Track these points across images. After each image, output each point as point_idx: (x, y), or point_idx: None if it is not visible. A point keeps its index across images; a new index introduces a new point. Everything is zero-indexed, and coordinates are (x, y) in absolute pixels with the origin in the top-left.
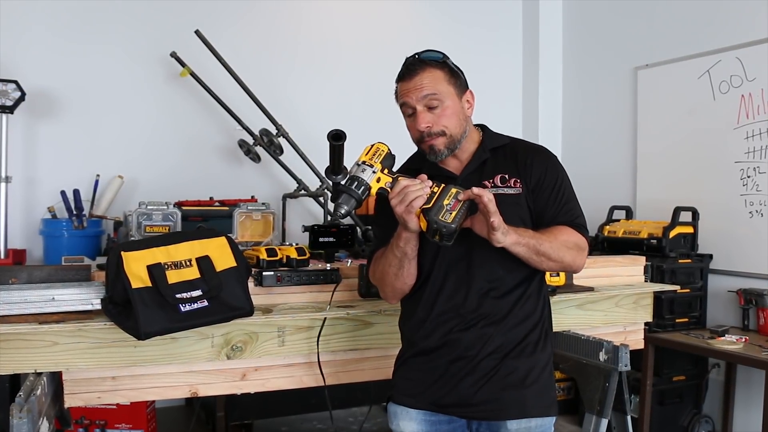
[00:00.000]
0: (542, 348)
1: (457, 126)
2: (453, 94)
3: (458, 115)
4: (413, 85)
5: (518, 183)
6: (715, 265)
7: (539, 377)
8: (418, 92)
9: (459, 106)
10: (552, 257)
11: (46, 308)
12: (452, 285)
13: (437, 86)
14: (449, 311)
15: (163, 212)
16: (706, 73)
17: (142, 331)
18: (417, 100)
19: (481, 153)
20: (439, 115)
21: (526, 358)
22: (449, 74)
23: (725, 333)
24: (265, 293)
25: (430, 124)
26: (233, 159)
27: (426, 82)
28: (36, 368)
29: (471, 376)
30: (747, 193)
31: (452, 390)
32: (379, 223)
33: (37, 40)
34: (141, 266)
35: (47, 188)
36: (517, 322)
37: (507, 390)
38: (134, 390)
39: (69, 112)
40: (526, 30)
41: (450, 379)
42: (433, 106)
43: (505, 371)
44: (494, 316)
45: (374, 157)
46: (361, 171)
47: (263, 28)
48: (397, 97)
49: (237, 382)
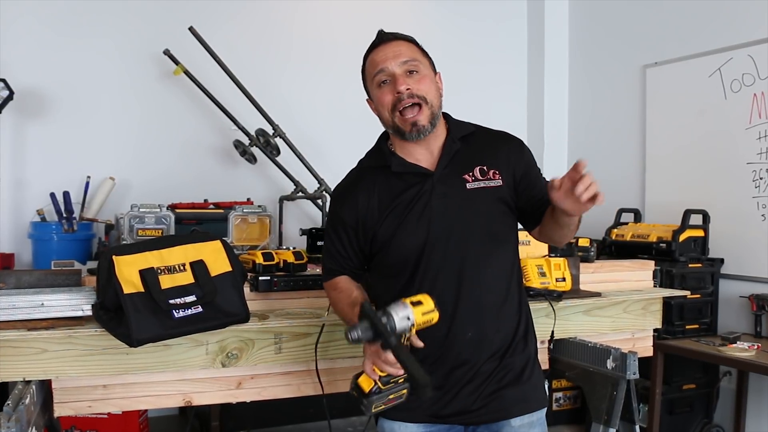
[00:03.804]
0: (531, 339)
1: (436, 98)
2: (429, 67)
3: (437, 87)
4: (391, 51)
5: (497, 175)
6: (726, 270)
7: (533, 370)
8: (396, 58)
9: (435, 80)
10: (572, 228)
11: (35, 314)
12: (442, 287)
13: (415, 54)
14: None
15: (156, 215)
16: (717, 71)
17: (135, 337)
18: (396, 65)
19: (451, 143)
20: (418, 81)
21: (520, 354)
22: (422, 52)
23: (737, 340)
24: (262, 299)
25: (410, 87)
26: (228, 160)
27: (403, 49)
28: (25, 376)
29: (472, 383)
30: (759, 195)
31: (453, 399)
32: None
33: (25, 37)
34: (133, 271)
35: (36, 190)
36: (507, 318)
37: (507, 389)
38: (126, 399)
39: (59, 112)
40: (531, 26)
41: (450, 388)
42: (412, 71)
43: (504, 371)
44: (488, 317)
45: (423, 324)
46: (399, 313)
47: (259, 25)
48: (368, 68)
49: (232, 391)
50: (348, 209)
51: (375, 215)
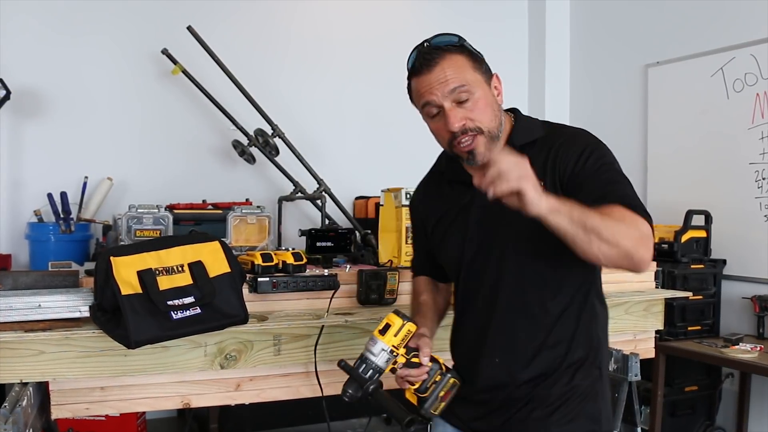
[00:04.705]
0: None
1: (493, 119)
2: (481, 82)
3: (491, 107)
4: (435, 79)
5: (543, 185)
6: (728, 271)
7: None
8: (443, 86)
9: (490, 94)
10: (604, 235)
11: (32, 315)
12: (479, 305)
13: (463, 75)
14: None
15: (154, 216)
16: (719, 70)
17: (133, 339)
18: (443, 96)
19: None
20: (471, 110)
21: (563, 386)
22: (471, 59)
23: (739, 341)
24: (261, 300)
25: (464, 121)
26: (227, 160)
27: (450, 73)
28: (21, 378)
29: (502, 408)
30: (762, 196)
31: (483, 418)
32: (413, 237)
33: (22, 36)
34: (131, 272)
35: (33, 191)
36: (550, 346)
37: (533, 422)
38: (124, 401)
39: (56, 111)
40: (532, 26)
41: (479, 407)
42: (462, 100)
43: (534, 402)
44: (521, 344)
45: (401, 342)
46: (373, 351)
47: (257, 25)
48: (415, 97)
49: (231, 393)
50: (415, 212)
51: (431, 222)
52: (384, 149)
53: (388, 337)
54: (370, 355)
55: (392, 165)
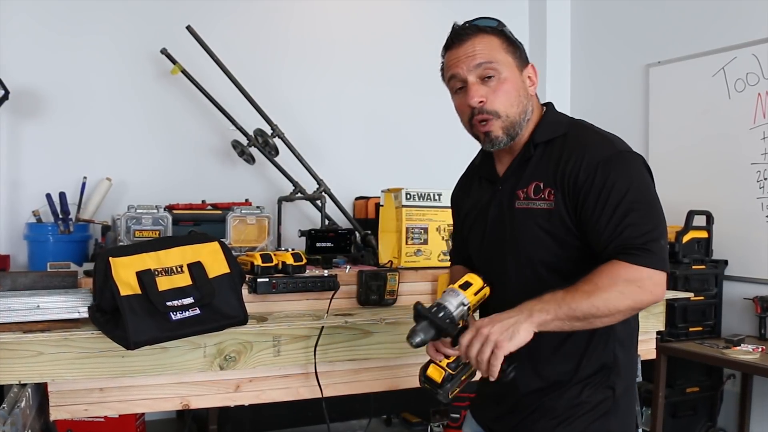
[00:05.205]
0: (596, 387)
1: (516, 105)
2: (512, 65)
3: (518, 91)
4: (464, 52)
5: (552, 195)
6: (730, 272)
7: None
8: (469, 60)
9: (519, 80)
10: (601, 312)
11: (31, 316)
12: (492, 308)
13: (493, 54)
14: None
15: (153, 216)
16: (720, 70)
17: (132, 340)
18: (468, 69)
19: (527, 148)
20: (495, 89)
21: (571, 398)
22: (506, 42)
23: (741, 342)
24: (260, 301)
25: (483, 98)
26: (226, 160)
27: (479, 49)
28: (20, 379)
29: (512, 414)
30: (763, 196)
31: (496, 421)
32: (454, 228)
33: (20, 36)
34: (130, 272)
35: (32, 191)
36: (559, 358)
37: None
38: (123, 402)
39: (55, 111)
40: (533, 26)
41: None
42: (487, 76)
43: (540, 412)
44: (528, 355)
45: (476, 303)
46: (452, 302)
47: (256, 24)
48: (444, 72)
49: (230, 394)
50: (453, 203)
51: (461, 215)
52: (384, 149)
53: (470, 293)
54: (449, 305)
55: (392, 165)
